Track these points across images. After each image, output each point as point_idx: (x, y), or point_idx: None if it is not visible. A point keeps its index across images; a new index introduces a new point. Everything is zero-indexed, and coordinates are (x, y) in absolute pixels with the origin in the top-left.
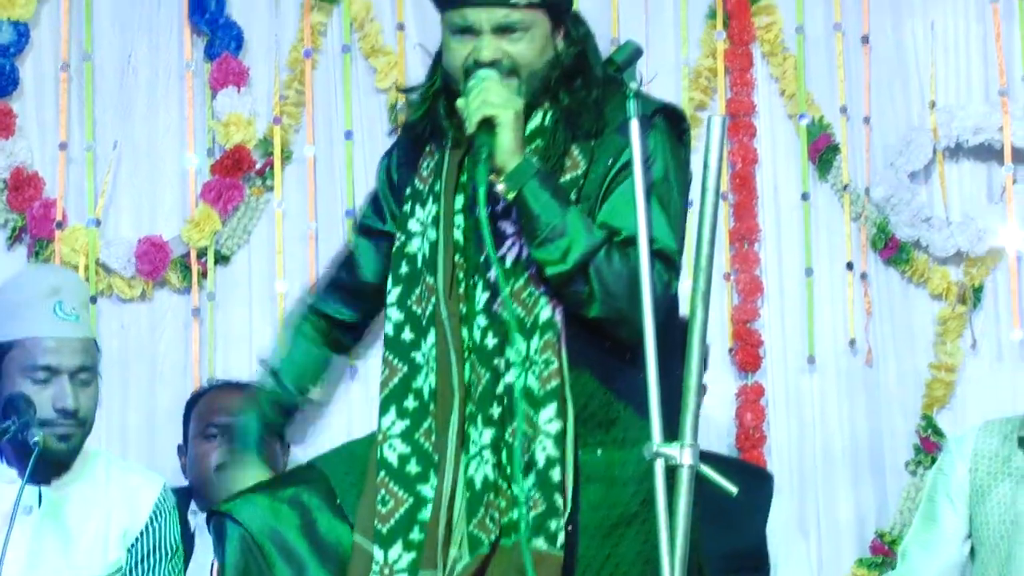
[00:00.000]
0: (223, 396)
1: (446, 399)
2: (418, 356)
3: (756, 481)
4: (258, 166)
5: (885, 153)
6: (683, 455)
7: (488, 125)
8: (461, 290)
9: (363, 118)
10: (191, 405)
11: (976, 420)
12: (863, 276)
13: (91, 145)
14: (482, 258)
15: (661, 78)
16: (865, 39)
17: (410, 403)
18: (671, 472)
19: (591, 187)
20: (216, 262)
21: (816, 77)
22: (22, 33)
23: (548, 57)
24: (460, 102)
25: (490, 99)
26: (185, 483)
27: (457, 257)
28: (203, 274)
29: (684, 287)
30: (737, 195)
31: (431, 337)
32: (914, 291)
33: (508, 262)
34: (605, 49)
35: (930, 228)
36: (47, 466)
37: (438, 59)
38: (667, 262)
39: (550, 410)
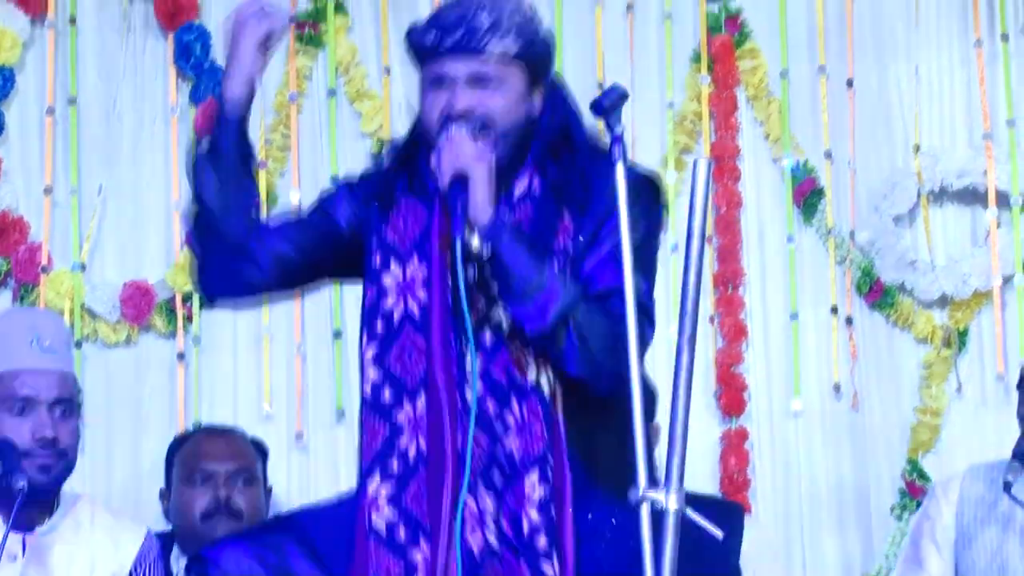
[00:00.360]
0: (208, 442)
1: (440, 464)
2: (400, 417)
3: (726, 514)
4: None
5: (870, 197)
6: (669, 499)
7: (461, 180)
8: (453, 353)
9: (349, 162)
10: (174, 449)
11: (962, 464)
12: (848, 320)
13: (76, 189)
14: (470, 322)
15: (646, 121)
16: (850, 83)
17: (395, 466)
18: (657, 517)
19: (578, 251)
20: (201, 306)
21: (800, 121)
22: (7, 78)
23: (523, 114)
24: (432, 159)
25: (462, 153)
26: (168, 527)
27: (450, 318)
28: (188, 318)
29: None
30: (721, 238)
31: (422, 400)
32: (899, 335)
33: (505, 326)
34: (591, 93)
35: (915, 272)
36: (30, 507)
37: (415, 120)
38: (643, 311)
39: (534, 476)
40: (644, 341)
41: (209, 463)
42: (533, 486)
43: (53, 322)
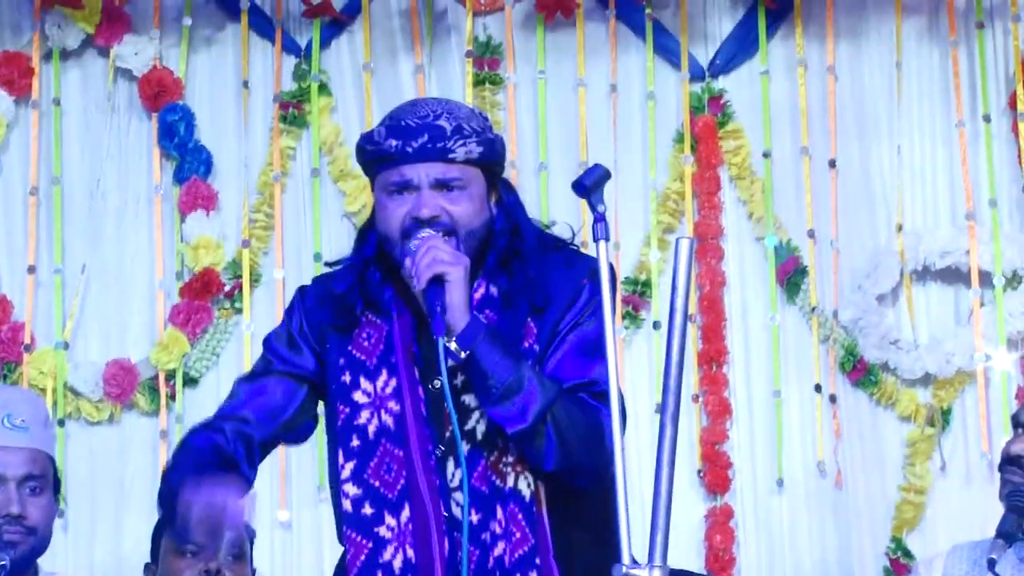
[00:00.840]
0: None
1: (429, 574)
2: (382, 530)
3: None
4: (227, 288)
5: (853, 276)
6: None
7: (437, 282)
8: (432, 462)
9: (332, 241)
10: (164, 523)
11: (946, 542)
12: (832, 398)
13: (60, 268)
14: (447, 433)
15: (630, 201)
16: (832, 163)
17: None
18: None
19: (542, 350)
20: (184, 384)
21: (783, 200)
22: None
23: (484, 218)
24: (407, 263)
25: (440, 256)
26: None
27: (424, 429)
28: (171, 397)
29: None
30: (705, 317)
31: (406, 511)
32: (883, 413)
33: (479, 435)
34: (574, 172)
35: (898, 350)
36: None
37: (365, 229)
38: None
39: None
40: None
41: (198, 535)
42: None
43: (27, 401)
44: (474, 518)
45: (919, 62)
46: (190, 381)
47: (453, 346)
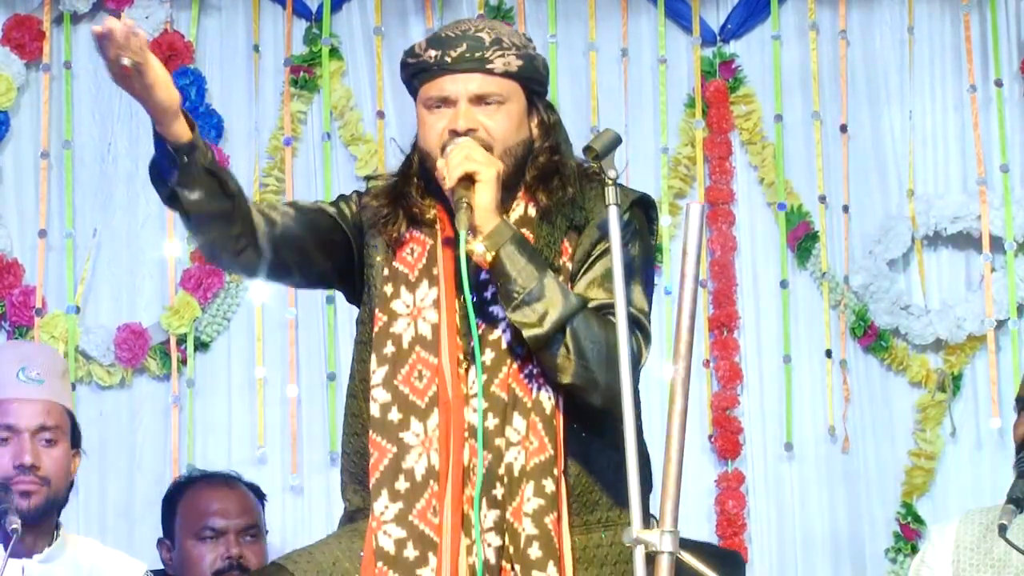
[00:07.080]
0: (216, 496)
1: (447, 479)
2: (407, 436)
3: (727, 564)
4: None
5: (864, 241)
6: (663, 541)
7: (468, 181)
8: (462, 371)
9: None
10: (175, 498)
11: (956, 508)
12: (842, 363)
13: (71, 232)
14: (475, 341)
15: (641, 166)
16: (843, 128)
17: (401, 485)
18: (650, 558)
19: (575, 270)
20: (195, 349)
21: (795, 165)
22: (2, 122)
23: (523, 136)
24: (440, 162)
25: (473, 156)
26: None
27: (458, 339)
28: (182, 361)
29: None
30: (716, 282)
31: (434, 418)
32: (893, 379)
33: (504, 344)
34: (585, 137)
35: (909, 316)
36: (27, 535)
37: (411, 152)
38: (641, 325)
39: (529, 488)
40: (641, 351)
41: (219, 519)
42: (528, 498)
43: (43, 354)
44: (490, 424)
45: (931, 26)
46: (201, 345)
47: (479, 247)
